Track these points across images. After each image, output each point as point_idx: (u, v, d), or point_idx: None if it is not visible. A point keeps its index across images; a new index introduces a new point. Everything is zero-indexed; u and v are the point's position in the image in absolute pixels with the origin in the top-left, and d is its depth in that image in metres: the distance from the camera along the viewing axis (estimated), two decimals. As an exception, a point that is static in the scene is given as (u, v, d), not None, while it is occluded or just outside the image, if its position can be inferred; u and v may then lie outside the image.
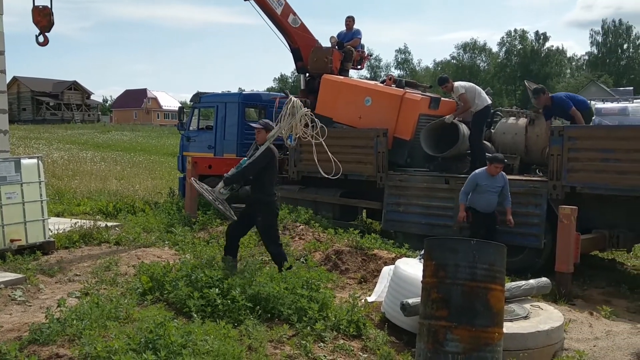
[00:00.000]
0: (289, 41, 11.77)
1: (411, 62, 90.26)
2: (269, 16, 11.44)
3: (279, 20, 11.42)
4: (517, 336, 4.57)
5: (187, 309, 5.19)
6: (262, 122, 7.29)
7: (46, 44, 9.94)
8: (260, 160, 6.71)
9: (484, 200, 7.62)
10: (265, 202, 6.68)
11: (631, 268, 9.06)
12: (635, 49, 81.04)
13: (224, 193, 6.81)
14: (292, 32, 11.58)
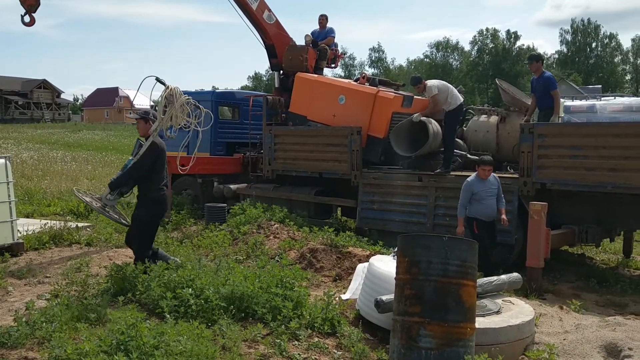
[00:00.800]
0: (263, 38, 11.73)
1: (385, 61, 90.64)
2: (244, 11, 11.39)
3: (254, 16, 11.37)
4: (489, 331, 4.63)
5: (160, 310, 5.13)
6: (140, 111, 6.78)
7: (32, 23, 9.64)
8: (146, 157, 6.23)
9: (486, 207, 7.21)
10: (152, 199, 6.26)
11: (600, 262, 9.26)
12: (604, 47, 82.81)
13: (111, 199, 6.44)
14: (266, 28, 11.54)
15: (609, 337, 4.86)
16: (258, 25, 11.55)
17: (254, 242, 8.19)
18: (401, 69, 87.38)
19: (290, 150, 10.66)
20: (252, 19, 11.49)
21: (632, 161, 7.00)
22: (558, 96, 8.44)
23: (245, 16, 11.47)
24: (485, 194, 7.19)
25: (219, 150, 12.39)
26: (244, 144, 12.21)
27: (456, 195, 8.37)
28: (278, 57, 11.71)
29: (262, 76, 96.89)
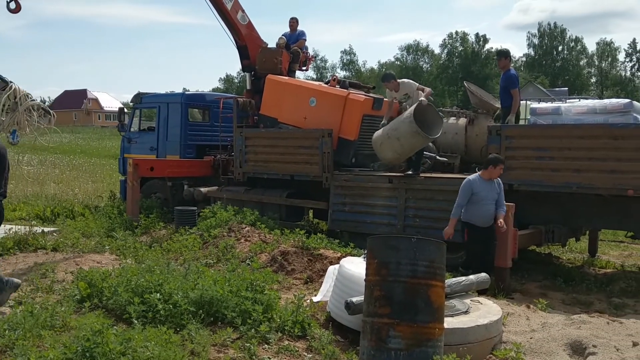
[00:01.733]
0: (236, 38, 11.68)
1: (356, 63, 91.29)
2: (219, 11, 11.32)
3: (229, 16, 11.32)
4: (457, 331, 4.67)
5: (127, 315, 5.04)
6: None
7: (18, 10, 9.30)
8: None
9: (483, 212, 6.83)
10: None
11: (566, 262, 9.44)
12: (569, 51, 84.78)
13: None
14: (240, 29, 11.51)
15: (574, 335, 4.96)
16: (232, 26, 11.50)
17: (224, 246, 8.12)
18: (372, 71, 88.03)
19: (261, 152, 10.62)
20: (226, 19, 11.43)
21: (596, 162, 7.17)
22: (517, 95, 8.59)
23: (219, 16, 11.42)
24: (485, 197, 6.80)
25: (189, 152, 12.28)
26: (214, 146, 12.13)
27: (425, 197, 8.51)
28: (250, 59, 11.67)
29: (233, 78, 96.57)
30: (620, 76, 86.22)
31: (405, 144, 8.41)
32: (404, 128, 8.29)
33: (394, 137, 8.41)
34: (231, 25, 11.47)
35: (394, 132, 8.41)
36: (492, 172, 6.89)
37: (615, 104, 7.66)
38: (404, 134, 8.30)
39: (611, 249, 10.53)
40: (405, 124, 8.27)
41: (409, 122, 8.18)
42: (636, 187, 6.94)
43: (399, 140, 8.38)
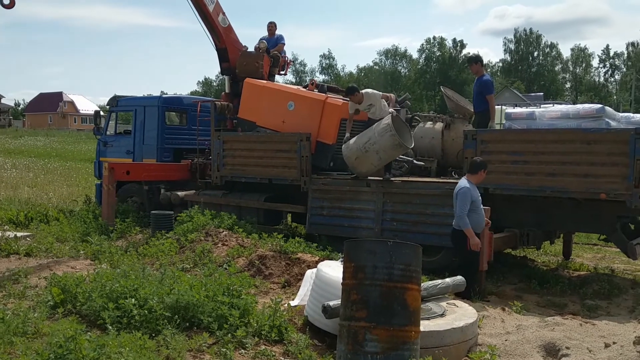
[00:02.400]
0: (216, 41, 11.62)
1: (335, 68, 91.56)
2: (200, 12, 11.26)
3: (210, 18, 11.27)
4: (433, 334, 4.70)
5: (102, 321, 4.99)
6: None
7: (12, 5, 9.17)
8: None
9: (479, 218, 6.71)
10: None
11: (541, 264, 9.57)
12: (545, 57, 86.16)
13: None
14: (220, 31, 11.47)
15: (548, 337, 5.03)
16: (212, 28, 11.45)
17: (201, 250, 8.06)
18: (351, 75, 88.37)
19: (239, 156, 10.58)
20: (207, 21, 11.38)
21: (569, 166, 7.28)
22: (493, 101, 8.69)
23: (200, 17, 11.36)
24: (479, 202, 6.73)
25: (165, 156, 12.18)
26: (191, 150, 12.05)
27: (403, 201, 8.56)
28: (230, 62, 11.63)
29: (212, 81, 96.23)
30: (594, 82, 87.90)
31: (384, 156, 8.49)
32: (384, 141, 8.28)
33: (373, 150, 8.43)
34: (212, 27, 11.43)
35: (373, 146, 8.40)
36: (481, 176, 6.86)
37: (588, 109, 7.79)
38: (384, 147, 8.33)
39: (585, 251, 10.70)
40: (385, 138, 8.26)
41: (390, 135, 8.19)
42: (608, 191, 7.06)
43: (377, 153, 8.43)
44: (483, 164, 6.86)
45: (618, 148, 7.00)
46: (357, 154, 8.65)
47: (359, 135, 8.74)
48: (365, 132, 8.69)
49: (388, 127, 8.23)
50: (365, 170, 8.79)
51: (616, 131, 7.28)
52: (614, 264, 9.50)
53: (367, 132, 8.61)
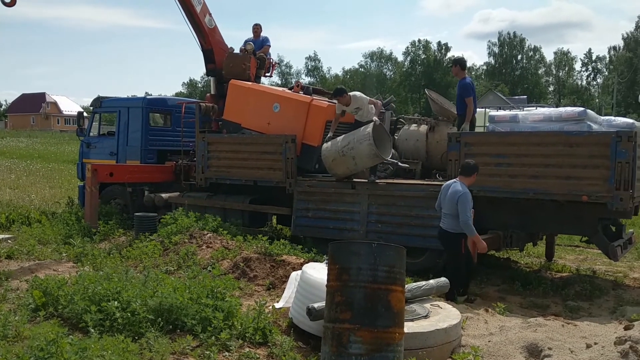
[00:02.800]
0: (202, 41, 11.58)
1: (321, 70, 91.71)
2: (187, 13, 11.22)
3: (197, 18, 11.24)
4: (417, 335, 4.72)
5: (84, 324, 4.94)
6: None
7: (14, 4, 9.08)
8: None
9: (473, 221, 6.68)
10: None
11: (524, 266, 9.65)
12: (528, 60, 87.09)
13: None
14: (207, 32, 11.44)
15: (531, 338, 5.07)
16: (199, 29, 11.41)
17: (185, 253, 8.02)
18: (337, 78, 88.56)
19: (224, 158, 10.54)
20: (194, 22, 11.34)
21: (552, 169, 7.35)
22: (471, 104, 8.75)
23: (187, 18, 11.32)
24: (472, 205, 6.72)
25: (149, 157, 12.10)
26: (176, 151, 11.98)
27: (388, 203, 8.60)
28: (215, 63, 11.59)
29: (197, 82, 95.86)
30: (576, 85, 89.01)
31: (360, 163, 8.55)
32: (362, 149, 8.34)
33: (350, 155, 8.48)
34: (198, 28, 11.39)
35: (350, 151, 8.45)
36: (473, 178, 6.89)
37: (570, 112, 7.88)
38: (361, 155, 8.40)
39: (567, 253, 10.81)
40: (363, 146, 8.32)
41: (368, 144, 8.25)
42: (590, 193, 7.15)
43: (354, 159, 8.49)
44: (476, 167, 6.89)
45: (599, 151, 7.08)
46: (334, 156, 8.70)
47: (342, 137, 8.76)
48: (347, 135, 8.72)
49: (367, 136, 8.28)
50: (341, 172, 8.85)
51: (598, 134, 7.36)
52: (596, 266, 9.61)
53: (348, 136, 8.65)
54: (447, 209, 6.76)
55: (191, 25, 11.41)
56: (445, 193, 6.82)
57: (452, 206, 6.66)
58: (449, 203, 6.71)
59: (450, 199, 6.69)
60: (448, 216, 6.77)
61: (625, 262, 9.81)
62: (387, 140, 8.76)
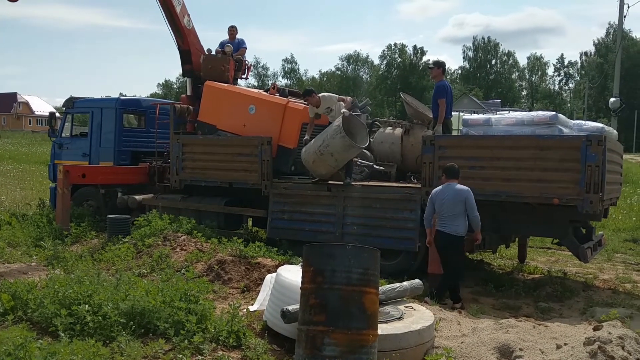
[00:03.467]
0: (180, 42, 11.47)
1: (298, 72, 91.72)
2: (167, 12, 11.11)
3: (176, 18, 11.15)
4: (391, 337, 4.74)
5: (54, 328, 4.85)
6: None
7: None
8: None
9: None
10: None
11: (497, 268, 9.78)
12: (502, 64, 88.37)
13: None
14: (185, 33, 11.35)
15: (502, 339, 5.13)
16: (178, 29, 11.31)
17: (159, 255, 7.93)
18: (314, 80, 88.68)
19: (199, 159, 10.46)
20: (173, 22, 11.24)
21: (524, 172, 7.46)
22: (442, 105, 8.88)
23: (167, 18, 11.21)
24: None
25: (123, 159, 11.95)
26: (150, 153, 11.85)
27: (363, 205, 8.63)
28: (193, 64, 11.50)
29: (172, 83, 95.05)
30: (549, 89, 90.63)
31: (340, 157, 8.54)
32: (336, 143, 8.36)
33: (327, 153, 8.48)
34: (177, 28, 11.30)
35: (327, 149, 8.46)
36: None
37: (542, 116, 8.00)
38: (337, 149, 8.40)
39: (539, 255, 10.98)
40: (336, 140, 8.34)
41: (341, 137, 8.28)
42: (561, 196, 7.27)
43: (332, 155, 8.48)
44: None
45: (570, 154, 7.21)
46: (313, 157, 8.71)
47: (316, 138, 8.79)
48: (320, 134, 8.75)
49: (338, 129, 8.32)
50: (325, 172, 8.83)
51: (568, 138, 7.50)
52: (567, 267, 9.78)
53: (322, 135, 8.68)
54: (451, 211, 6.78)
55: (170, 25, 11.32)
56: (443, 197, 6.81)
57: (458, 206, 6.75)
58: (453, 204, 6.76)
59: (456, 199, 6.76)
60: (452, 217, 6.79)
61: (595, 263, 10.01)
62: (362, 129, 8.79)
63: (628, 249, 11.65)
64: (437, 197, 6.87)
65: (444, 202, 6.81)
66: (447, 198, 6.80)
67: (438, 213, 6.85)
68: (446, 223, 6.82)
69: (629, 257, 11.01)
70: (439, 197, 6.86)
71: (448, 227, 6.81)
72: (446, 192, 6.83)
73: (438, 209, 6.85)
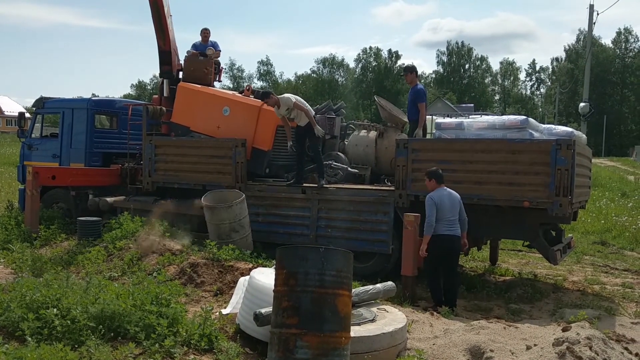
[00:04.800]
0: (162, 42, 11.28)
1: (273, 74, 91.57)
2: (155, 11, 10.92)
3: (163, 18, 10.99)
4: (363, 339, 4.75)
5: (20, 332, 4.74)
6: None
7: None
8: None
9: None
10: None
11: (469, 270, 9.89)
12: (475, 69, 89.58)
13: None
14: (169, 33, 11.21)
15: (474, 341, 5.19)
16: (163, 29, 11.15)
17: (130, 258, 7.83)
18: (289, 83, 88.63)
19: (172, 161, 10.36)
20: (160, 22, 11.05)
21: (495, 175, 7.57)
22: (423, 109, 8.98)
23: (154, 17, 11.00)
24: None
25: (94, 160, 11.75)
26: (122, 154, 11.69)
27: (337, 207, 8.66)
28: (171, 65, 11.38)
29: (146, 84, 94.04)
30: (521, 94, 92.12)
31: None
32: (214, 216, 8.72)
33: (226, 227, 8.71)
34: (162, 28, 11.14)
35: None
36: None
37: (513, 120, 8.12)
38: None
39: (510, 257, 11.14)
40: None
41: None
42: (532, 199, 7.39)
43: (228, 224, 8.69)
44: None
45: (540, 158, 7.34)
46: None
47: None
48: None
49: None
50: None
51: (539, 142, 7.62)
52: (537, 269, 9.94)
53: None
54: (454, 214, 6.96)
55: (156, 25, 11.11)
56: (445, 202, 6.92)
57: (456, 209, 6.99)
58: (453, 207, 6.97)
59: (454, 202, 6.98)
60: (454, 221, 6.96)
61: (564, 265, 10.19)
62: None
63: (597, 252, 11.89)
64: (441, 201, 6.91)
65: (446, 207, 6.91)
66: (447, 202, 6.93)
67: (441, 218, 6.88)
68: (452, 226, 6.92)
69: (597, 259, 11.23)
70: (443, 202, 6.91)
71: (454, 230, 6.94)
72: (445, 197, 6.96)
73: (441, 214, 6.88)
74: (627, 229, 13.87)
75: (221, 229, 8.64)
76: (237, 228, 8.63)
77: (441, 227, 6.87)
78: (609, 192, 21.66)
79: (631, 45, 77.03)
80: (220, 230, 8.65)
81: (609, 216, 15.69)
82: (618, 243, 12.80)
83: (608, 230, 14.05)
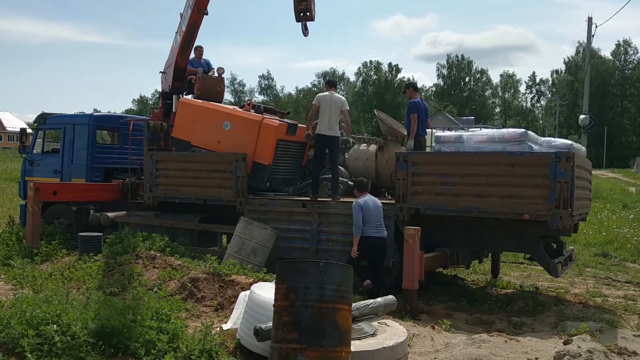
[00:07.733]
0: (181, 59, 11.27)
1: (274, 88, 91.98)
2: (193, 29, 10.94)
3: (194, 37, 11.07)
4: (364, 353, 4.73)
5: (20, 349, 4.73)
6: None
7: None
8: None
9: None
10: None
11: (470, 283, 9.86)
12: (476, 82, 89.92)
13: None
14: (190, 50, 11.29)
15: (475, 354, 5.17)
16: (189, 47, 11.22)
17: (130, 273, 7.82)
18: (290, 97, 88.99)
19: (172, 176, 10.39)
20: (190, 40, 11.08)
21: (495, 188, 7.57)
22: (414, 121, 9.07)
23: (187, 34, 10.94)
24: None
25: (95, 176, 11.79)
26: (123, 169, 11.73)
27: (338, 221, 8.66)
28: (182, 81, 11.45)
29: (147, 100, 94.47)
30: (521, 107, 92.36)
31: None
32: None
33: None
34: (189, 46, 11.21)
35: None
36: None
37: (512, 133, 8.14)
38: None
39: (512, 270, 11.11)
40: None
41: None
42: (532, 212, 7.38)
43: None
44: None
45: (540, 171, 7.35)
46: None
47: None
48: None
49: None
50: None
51: (538, 154, 7.63)
52: (539, 282, 9.91)
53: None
54: (379, 218, 7.74)
55: (184, 42, 11.05)
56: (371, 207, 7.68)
57: (381, 214, 7.80)
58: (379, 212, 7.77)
59: (378, 208, 7.78)
60: (380, 224, 7.74)
61: (566, 278, 10.16)
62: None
63: (598, 264, 11.86)
64: (367, 206, 7.64)
65: (371, 210, 7.65)
66: (372, 206, 7.69)
67: (368, 221, 7.60)
68: (379, 229, 7.68)
69: (599, 271, 11.21)
70: (367, 206, 7.64)
71: (381, 232, 7.72)
72: (370, 203, 7.71)
73: (368, 218, 7.61)
74: (629, 240, 13.85)
75: (245, 245, 8.68)
76: (258, 252, 8.68)
77: (369, 229, 7.60)
78: (610, 204, 21.63)
79: (630, 57, 77.46)
80: (244, 245, 8.68)
81: (610, 228, 15.66)
82: (620, 255, 12.77)
83: (610, 242, 14.02)
